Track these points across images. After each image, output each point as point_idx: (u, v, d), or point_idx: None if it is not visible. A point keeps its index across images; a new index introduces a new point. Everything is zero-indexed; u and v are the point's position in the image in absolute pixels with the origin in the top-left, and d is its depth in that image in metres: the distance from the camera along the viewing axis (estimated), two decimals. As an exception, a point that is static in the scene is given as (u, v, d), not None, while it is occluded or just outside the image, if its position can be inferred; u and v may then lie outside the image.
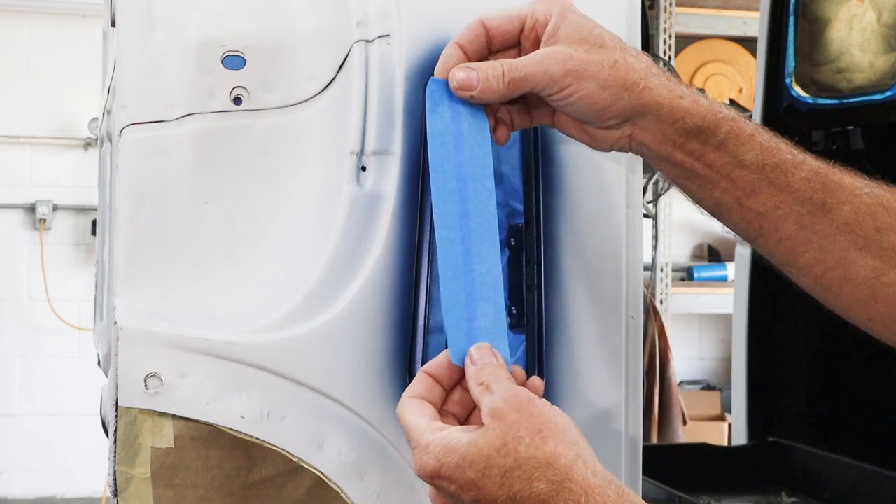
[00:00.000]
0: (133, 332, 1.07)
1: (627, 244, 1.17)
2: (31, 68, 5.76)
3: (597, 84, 0.96)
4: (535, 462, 0.85)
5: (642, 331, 1.20)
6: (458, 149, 1.01)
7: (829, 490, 2.17)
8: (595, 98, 0.97)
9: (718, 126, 0.97)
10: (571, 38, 0.97)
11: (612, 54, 0.97)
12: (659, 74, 0.98)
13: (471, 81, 0.99)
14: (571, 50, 0.96)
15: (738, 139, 0.97)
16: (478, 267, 0.99)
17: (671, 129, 0.97)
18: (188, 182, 1.11)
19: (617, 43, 0.99)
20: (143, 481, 1.07)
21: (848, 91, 2.21)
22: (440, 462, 0.88)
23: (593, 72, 0.96)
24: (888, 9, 2.12)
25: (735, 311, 2.53)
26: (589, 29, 0.98)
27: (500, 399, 0.89)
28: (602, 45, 0.97)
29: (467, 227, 0.99)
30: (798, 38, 2.32)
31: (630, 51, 0.99)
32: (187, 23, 1.12)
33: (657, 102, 0.97)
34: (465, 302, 0.98)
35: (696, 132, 0.97)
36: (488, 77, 0.98)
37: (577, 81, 0.96)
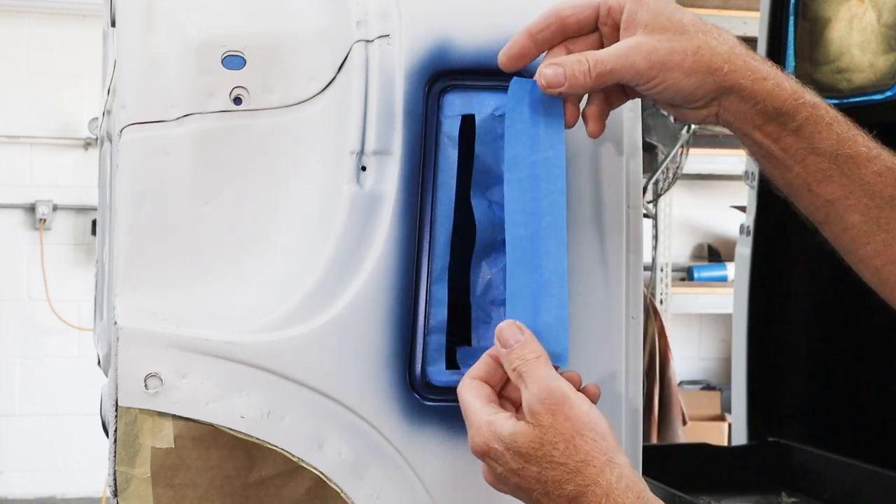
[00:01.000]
0: (133, 332, 1.07)
1: (627, 244, 1.17)
2: (31, 68, 5.76)
3: (682, 72, 0.98)
4: (567, 469, 0.91)
5: (642, 331, 1.20)
6: (534, 149, 1.03)
7: (829, 490, 2.17)
8: (681, 85, 0.98)
9: (798, 111, 0.99)
10: (652, 26, 0.98)
11: (695, 39, 0.98)
12: (742, 55, 0.99)
13: (558, 78, 1.00)
14: (654, 40, 0.97)
15: (816, 126, 1.00)
16: (546, 263, 1.01)
17: (752, 111, 1.00)
18: (188, 182, 1.11)
19: (698, 25, 0.99)
20: (143, 481, 1.07)
21: (848, 91, 2.21)
22: (488, 445, 0.95)
23: (678, 61, 0.97)
24: (888, 9, 2.12)
25: (735, 311, 2.53)
26: (668, 15, 0.99)
27: (536, 399, 0.94)
28: (683, 31, 0.98)
29: (537, 225, 1.01)
30: (798, 38, 2.32)
31: (712, 32, 0.99)
32: (187, 23, 1.12)
33: (740, 85, 0.99)
34: (530, 297, 1.00)
35: (775, 115, 0.99)
36: (575, 73, 0.99)
37: (662, 73, 0.98)
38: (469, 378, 0.99)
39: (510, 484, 0.95)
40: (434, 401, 1.12)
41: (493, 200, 1.15)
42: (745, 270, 2.49)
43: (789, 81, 1.00)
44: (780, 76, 1.00)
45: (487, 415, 0.95)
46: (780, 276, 2.48)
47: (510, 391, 1.00)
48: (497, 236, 1.16)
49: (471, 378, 0.99)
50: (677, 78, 0.98)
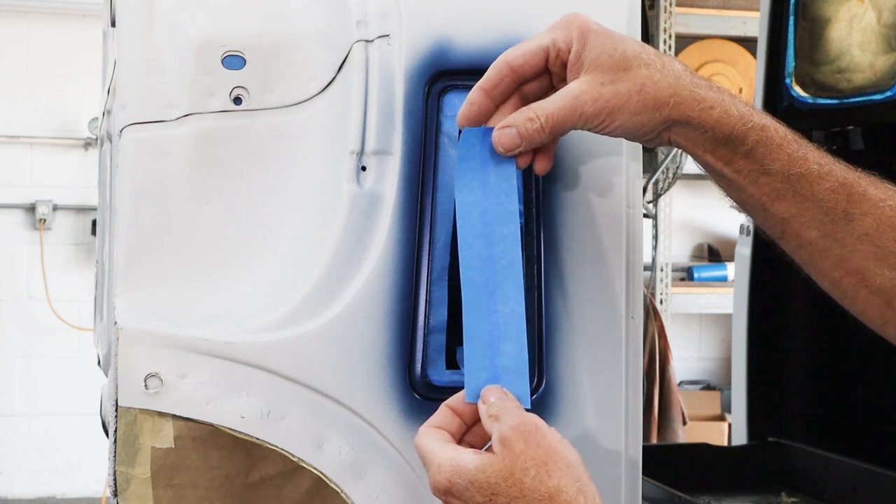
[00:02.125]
0: (133, 332, 1.07)
1: (627, 244, 1.17)
2: (31, 68, 5.76)
3: (628, 113, 0.99)
4: (539, 494, 0.88)
5: (642, 331, 1.20)
6: (486, 196, 1.04)
7: (829, 490, 2.17)
8: (629, 124, 1.00)
9: (747, 136, 1.00)
10: (595, 66, 0.99)
11: (638, 77, 0.99)
12: (688, 85, 1.00)
13: (514, 140, 1.01)
14: (598, 84, 0.99)
15: (766, 148, 1.00)
16: (502, 307, 1.02)
17: (702, 138, 1.01)
18: (188, 182, 1.11)
19: (641, 58, 1.00)
20: (143, 481, 1.07)
21: (848, 91, 2.21)
22: (450, 482, 0.91)
23: (622, 103, 0.99)
24: (888, 9, 2.12)
25: (735, 311, 2.53)
26: (610, 52, 0.99)
27: (508, 427, 0.92)
28: (626, 68, 0.99)
29: (492, 269, 1.02)
30: (798, 38, 2.32)
31: (654, 63, 1.00)
32: (187, 23, 1.12)
33: (687, 116, 1.00)
34: (488, 341, 1.01)
35: (725, 141, 1.01)
36: (529, 132, 1.01)
37: (609, 116, 0.99)
38: (426, 427, 0.99)
39: None
40: (434, 401, 1.11)
41: (493, 200, 1.15)
42: (745, 270, 2.49)
43: (737, 106, 1.01)
44: (727, 102, 1.01)
45: (448, 452, 0.93)
46: (780, 276, 2.48)
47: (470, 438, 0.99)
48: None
49: (427, 426, 0.99)
50: (624, 118, 0.99)
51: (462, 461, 0.92)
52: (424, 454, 0.96)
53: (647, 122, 1.00)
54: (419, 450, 0.97)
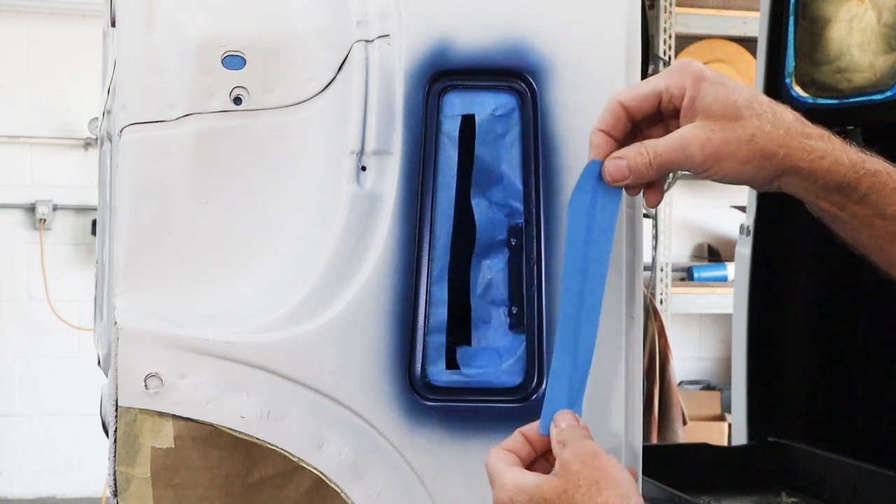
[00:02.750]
0: (133, 332, 1.07)
1: (627, 244, 1.17)
2: (31, 68, 5.76)
3: (737, 161, 1.01)
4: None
5: (642, 331, 1.20)
6: (590, 229, 1.05)
7: (829, 490, 2.17)
8: (737, 173, 1.02)
9: (860, 183, 1.02)
10: (708, 114, 1.01)
11: (749, 127, 1.01)
12: (798, 135, 1.02)
13: (623, 172, 1.04)
14: (708, 130, 1.01)
15: (879, 194, 1.02)
16: (582, 345, 1.04)
17: (814, 186, 1.03)
18: (188, 182, 1.11)
19: (753, 108, 1.01)
20: (143, 481, 1.07)
21: (848, 91, 2.21)
22: (512, 499, 0.98)
23: (732, 151, 1.01)
24: (888, 9, 2.12)
25: (735, 311, 2.53)
26: (723, 101, 1.01)
27: (570, 452, 0.98)
28: (738, 118, 1.01)
29: (582, 305, 1.05)
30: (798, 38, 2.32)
31: (766, 114, 1.01)
32: (187, 23, 1.12)
33: (797, 167, 1.01)
34: (569, 375, 1.04)
35: (837, 189, 1.02)
36: (638, 166, 1.03)
37: (718, 163, 1.01)
38: (497, 448, 1.03)
39: None
40: (434, 401, 1.11)
41: (493, 200, 1.16)
42: (745, 270, 2.49)
43: (848, 153, 1.02)
44: (839, 150, 1.02)
45: (514, 473, 0.99)
46: (780, 276, 2.48)
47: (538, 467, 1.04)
48: (497, 236, 1.16)
49: (499, 448, 1.03)
50: (733, 166, 1.01)
51: (525, 481, 0.98)
52: (492, 473, 1.01)
53: (757, 172, 1.02)
54: (488, 468, 1.02)
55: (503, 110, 1.14)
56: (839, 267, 2.37)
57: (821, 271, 2.40)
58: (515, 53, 1.13)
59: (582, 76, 1.14)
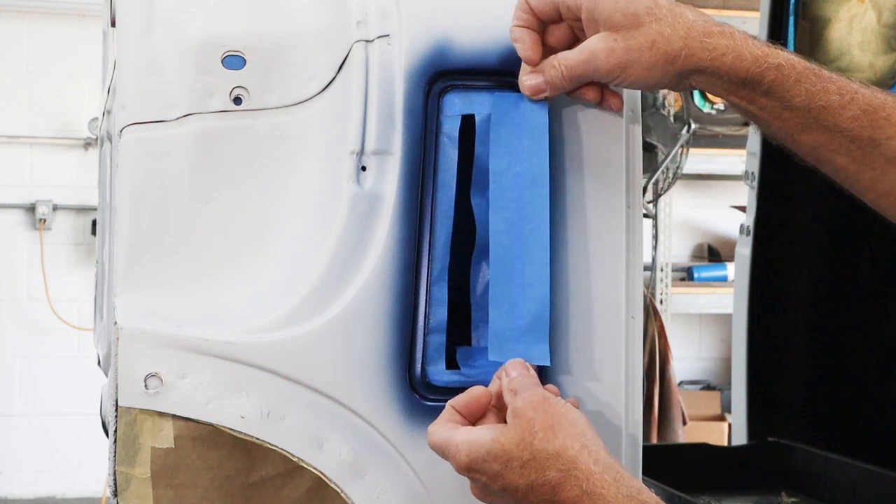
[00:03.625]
0: (133, 332, 1.07)
1: (627, 244, 1.17)
2: (31, 68, 5.76)
3: (642, 67, 1.04)
4: (546, 454, 0.96)
5: (642, 331, 1.20)
6: (517, 160, 1.08)
7: (829, 490, 2.17)
8: (644, 78, 1.05)
9: (763, 77, 1.04)
10: (610, 24, 1.04)
11: (649, 33, 1.04)
12: (698, 35, 1.04)
13: (540, 85, 1.09)
14: (612, 41, 1.04)
15: (784, 87, 1.05)
16: (528, 269, 1.05)
17: (719, 82, 1.05)
18: (188, 182, 1.11)
19: (653, 12, 1.04)
20: (143, 481, 1.07)
21: (848, 91, 2.20)
22: (469, 457, 0.99)
23: (634, 58, 1.04)
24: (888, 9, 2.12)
25: (735, 311, 2.53)
26: (623, 9, 1.04)
27: (521, 399, 1.00)
28: (638, 25, 1.04)
29: (519, 232, 1.06)
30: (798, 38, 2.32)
31: (666, 18, 1.04)
32: (187, 23, 1.12)
33: (700, 66, 1.04)
34: (512, 302, 1.05)
35: (742, 84, 1.05)
36: (553, 80, 1.08)
37: (624, 71, 1.05)
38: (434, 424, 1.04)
39: (496, 490, 0.99)
40: (434, 401, 1.11)
41: (493, 200, 1.15)
42: (745, 270, 2.48)
43: (750, 48, 1.04)
44: (741, 46, 1.04)
45: (463, 433, 1.01)
46: (780, 276, 2.48)
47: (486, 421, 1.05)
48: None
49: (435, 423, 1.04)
50: (638, 73, 1.04)
51: (477, 436, 0.99)
52: (441, 444, 1.02)
53: (662, 75, 1.05)
54: (434, 443, 1.02)
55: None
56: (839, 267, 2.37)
57: (821, 271, 2.40)
58: (515, 53, 1.13)
59: (582, 76, 1.14)
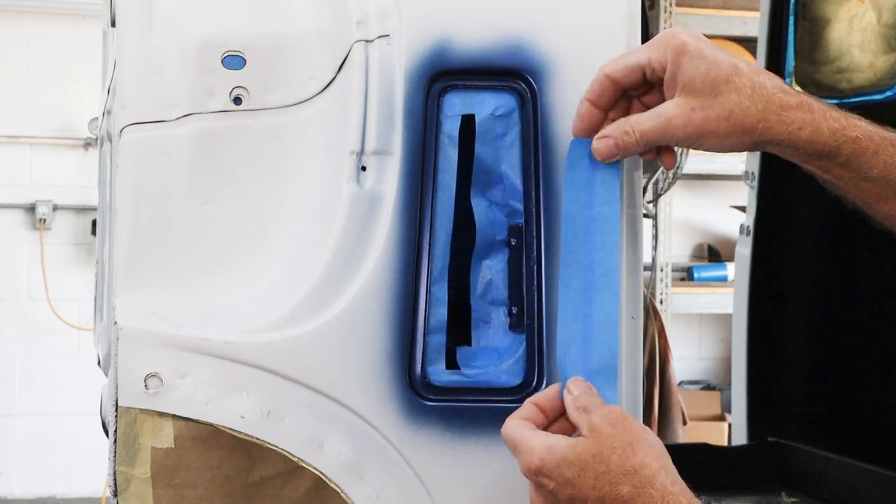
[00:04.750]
0: (133, 332, 1.07)
1: (627, 244, 1.17)
2: (31, 68, 5.76)
3: (717, 137, 1.05)
4: (624, 469, 0.96)
5: (642, 331, 1.20)
6: (590, 204, 1.08)
7: (829, 490, 2.17)
8: (719, 146, 1.06)
9: (840, 150, 1.05)
10: (689, 89, 1.04)
11: (727, 103, 1.03)
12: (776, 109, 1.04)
13: (611, 150, 1.07)
14: (689, 109, 1.04)
15: (861, 159, 1.05)
16: (597, 312, 1.06)
17: (795, 154, 1.06)
18: (188, 182, 1.11)
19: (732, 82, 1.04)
20: (143, 481, 1.07)
21: (848, 91, 2.21)
22: (542, 461, 0.99)
23: (711, 129, 1.04)
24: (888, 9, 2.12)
25: (735, 311, 2.53)
26: (703, 76, 1.04)
27: (598, 416, 1.00)
28: (717, 94, 1.04)
29: (591, 276, 1.06)
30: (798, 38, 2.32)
31: (745, 89, 1.04)
32: (187, 23, 1.12)
33: (777, 139, 1.05)
34: (581, 344, 1.06)
35: (819, 156, 1.06)
36: (625, 143, 1.07)
37: (699, 139, 1.05)
38: (512, 418, 1.04)
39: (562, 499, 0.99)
40: (434, 401, 1.12)
41: (493, 200, 1.16)
42: (745, 270, 2.49)
43: (828, 121, 1.05)
44: (818, 119, 1.05)
45: (541, 437, 1.00)
46: (780, 276, 2.48)
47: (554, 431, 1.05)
48: (497, 236, 1.16)
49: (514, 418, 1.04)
50: (714, 142, 1.05)
51: (555, 443, 0.99)
52: (516, 440, 1.01)
53: (738, 145, 1.05)
54: (509, 437, 1.02)
55: (503, 110, 1.14)
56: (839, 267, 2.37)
57: (821, 271, 2.40)
58: (515, 53, 1.13)
59: (582, 76, 1.14)
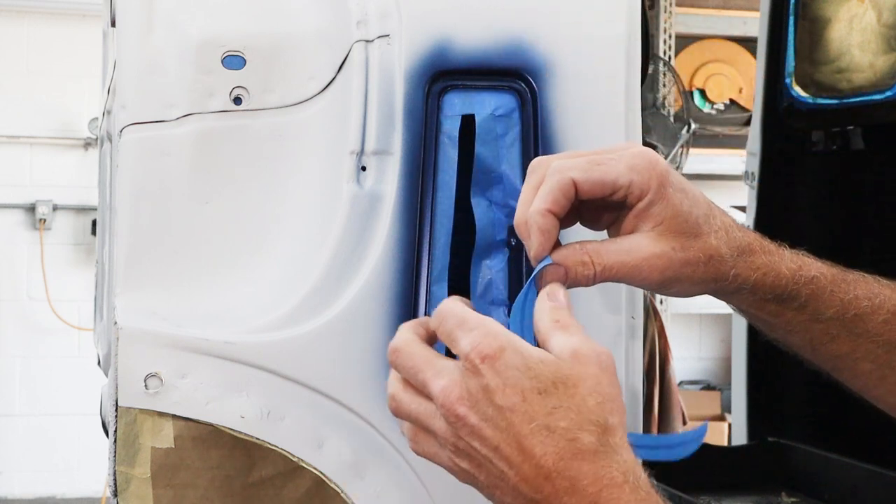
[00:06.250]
0: (133, 332, 1.07)
1: (627, 244, 1.17)
2: (31, 68, 5.76)
3: (691, 283, 0.94)
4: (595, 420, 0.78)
5: (642, 331, 1.20)
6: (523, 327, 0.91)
7: (829, 490, 2.17)
8: (684, 293, 0.96)
9: (798, 293, 0.96)
10: (667, 227, 0.91)
11: (707, 247, 0.93)
12: (744, 252, 0.95)
13: (560, 279, 0.90)
14: (669, 248, 0.91)
15: (819, 300, 0.97)
16: None
17: (752, 298, 0.97)
18: (188, 182, 1.11)
19: (711, 223, 0.93)
20: (143, 481, 1.07)
21: (848, 91, 2.21)
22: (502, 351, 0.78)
23: (688, 273, 0.93)
24: (888, 9, 2.12)
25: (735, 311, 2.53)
26: (685, 215, 0.92)
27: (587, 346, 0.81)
28: (697, 235, 0.92)
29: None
30: (798, 38, 2.32)
31: (721, 232, 0.94)
32: (187, 23, 1.12)
33: (742, 287, 0.95)
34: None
35: (776, 300, 0.97)
36: (578, 277, 0.90)
37: (672, 284, 0.93)
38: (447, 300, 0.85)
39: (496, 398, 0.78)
40: (434, 401, 1.11)
41: (493, 200, 1.16)
42: (745, 270, 2.48)
43: (786, 262, 0.96)
44: (778, 262, 0.96)
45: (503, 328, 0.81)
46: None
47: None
48: (497, 236, 1.16)
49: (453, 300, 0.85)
50: (685, 288, 0.95)
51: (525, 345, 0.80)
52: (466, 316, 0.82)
53: (702, 291, 0.96)
54: (454, 311, 0.83)
55: (503, 110, 1.14)
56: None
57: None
58: (515, 53, 1.13)
59: (582, 76, 1.14)
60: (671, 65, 5.45)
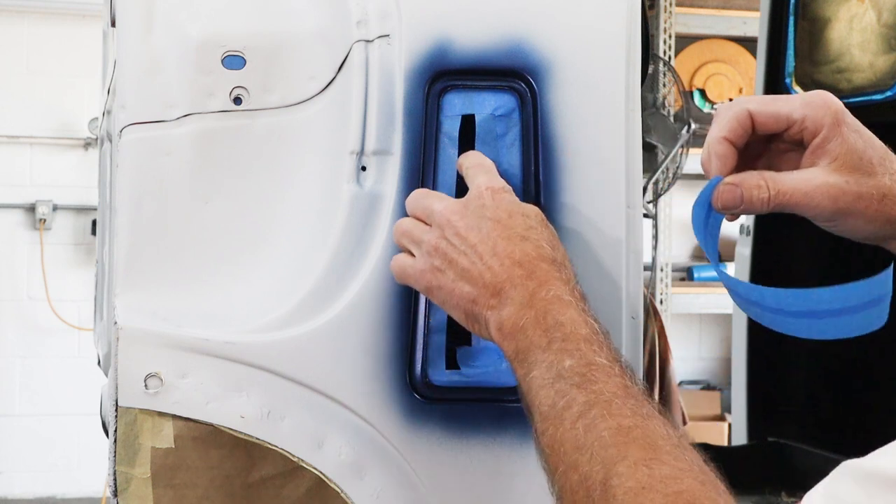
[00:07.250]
0: (133, 332, 1.07)
1: (627, 244, 1.17)
2: (31, 68, 5.75)
3: (864, 219, 0.95)
4: (558, 245, 1.01)
5: (642, 331, 1.20)
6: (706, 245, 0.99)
7: (829, 490, 2.17)
8: (859, 230, 0.96)
9: None
10: (842, 162, 0.94)
11: (881, 185, 0.94)
12: None
13: (735, 200, 0.95)
14: (842, 181, 0.94)
15: None
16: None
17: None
18: (188, 182, 1.11)
19: (885, 165, 0.95)
20: (143, 481, 1.07)
21: (848, 91, 2.21)
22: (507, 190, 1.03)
23: (861, 208, 0.94)
24: (888, 9, 2.12)
25: (735, 311, 2.53)
26: (860, 153, 0.94)
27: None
28: (871, 173, 0.94)
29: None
30: (798, 38, 2.32)
31: (895, 173, 0.95)
32: (187, 23, 1.12)
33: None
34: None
35: None
36: (753, 199, 0.95)
37: (844, 217, 0.95)
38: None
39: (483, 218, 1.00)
40: (434, 401, 1.11)
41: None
42: (745, 270, 2.49)
43: None
44: None
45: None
46: (780, 276, 2.48)
47: None
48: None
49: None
50: (857, 224, 0.95)
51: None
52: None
53: (875, 232, 0.96)
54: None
55: (503, 110, 1.14)
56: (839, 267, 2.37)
57: (821, 272, 2.40)
58: (515, 53, 1.13)
59: (582, 76, 1.14)
60: (671, 65, 5.44)
